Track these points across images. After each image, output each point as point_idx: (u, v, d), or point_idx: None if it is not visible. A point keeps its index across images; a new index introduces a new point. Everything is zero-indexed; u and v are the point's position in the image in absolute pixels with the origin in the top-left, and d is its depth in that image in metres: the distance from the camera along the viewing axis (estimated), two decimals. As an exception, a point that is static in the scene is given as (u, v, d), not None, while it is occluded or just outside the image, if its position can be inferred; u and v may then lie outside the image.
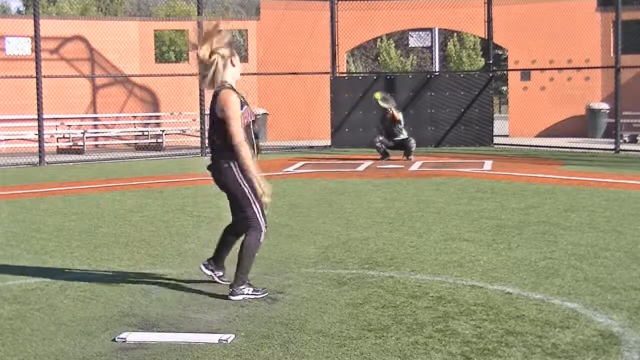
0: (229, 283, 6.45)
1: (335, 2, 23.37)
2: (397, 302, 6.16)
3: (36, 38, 19.26)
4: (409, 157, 18.16)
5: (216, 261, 6.75)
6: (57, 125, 23.19)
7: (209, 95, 22.03)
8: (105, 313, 5.99)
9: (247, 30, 26.98)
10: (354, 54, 44.24)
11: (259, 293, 6.35)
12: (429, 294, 6.37)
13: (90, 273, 7.41)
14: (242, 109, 6.35)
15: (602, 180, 13.80)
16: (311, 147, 22.43)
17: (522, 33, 24.71)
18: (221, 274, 6.76)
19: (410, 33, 29.85)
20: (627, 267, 7.21)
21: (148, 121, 25.25)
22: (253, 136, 6.54)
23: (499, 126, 23.58)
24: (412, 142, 18.32)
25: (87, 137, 23.19)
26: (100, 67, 24.73)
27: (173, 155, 21.13)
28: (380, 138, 18.32)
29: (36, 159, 19.15)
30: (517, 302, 6.10)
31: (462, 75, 24.62)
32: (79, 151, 22.47)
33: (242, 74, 6.71)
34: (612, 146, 19.94)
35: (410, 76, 25.23)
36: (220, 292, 6.56)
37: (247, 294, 6.31)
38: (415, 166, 16.99)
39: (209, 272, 6.72)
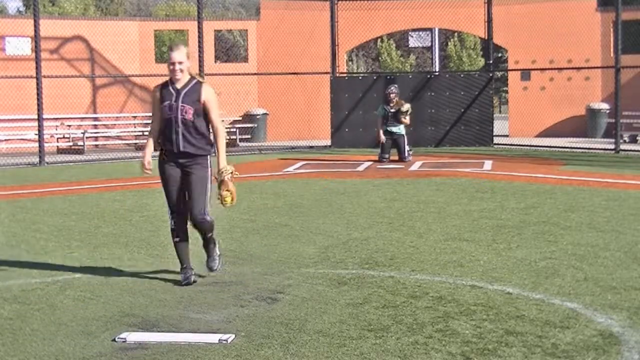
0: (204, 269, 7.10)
1: (335, 2, 23.36)
2: (397, 302, 6.16)
3: (36, 38, 19.25)
4: (404, 159, 17.86)
5: (188, 264, 7.09)
6: (57, 125, 23.18)
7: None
8: (105, 313, 5.99)
9: (247, 30, 26.98)
10: (356, 54, 44.24)
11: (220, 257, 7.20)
12: (429, 294, 6.37)
13: (90, 273, 7.41)
14: (164, 102, 6.83)
15: (602, 180, 13.80)
16: (311, 147, 22.41)
17: (522, 33, 24.70)
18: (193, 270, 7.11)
19: (410, 33, 29.84)
20: (627, 267, 7.21)
21: (148, 121, 25.20)
22: (174, 133, 6.85)
23: (499, 126, 23.57)
24: (408, 150, 18.01)
25: (87, 137, 23.18)
26: (100, 67, 24.73)
27: (173, 155, 21.12)
28: (386, 156, 18.04)
29: (36, 159, 19.14)
30: (517, 302, 6.10)
31: (462, 75, 24.62)
32: (79, 151, 22.46)
33: (242, 74, 7.22)
34: (612, 146, 19.93)
35: (410, 76, 25.22)
36: (220, 292, 6.56)
37: (217, 257, 7.15)
38: (415, 166, 16.99)
39: (194, 278, 7.00)
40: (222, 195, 6.85)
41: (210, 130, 6.92)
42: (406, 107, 18.05)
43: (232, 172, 6.89)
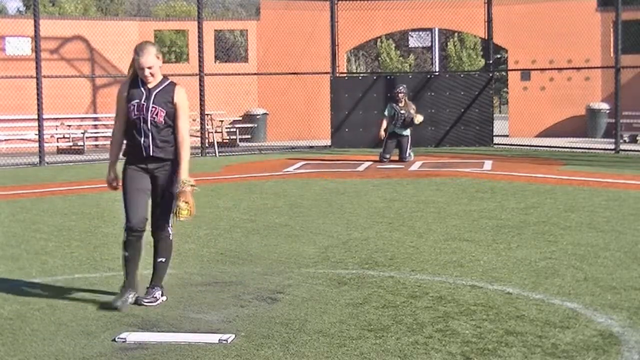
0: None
1: (335, 2, 23.36)
2: (397, 302, 6.16)
3: (36, 38, 19.25)
4: (404, 159, 17.85)
5: (131, 284, 6.29)
6: (57, 125, 23.18)
7: (209, 95, 22.09)
8: (105, 313, 5.99)
9: (247, 30, 26.98)
10: (356, 54, 44.24)
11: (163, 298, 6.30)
12: (429, 294, 6.37)
13: (90, 273, 7.41)
14: (132, 101, 6.22)
15: (602, 180, 13.80)
16: (311, 147, 22.41)
17: (522, 33, 24.70)
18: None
19: (410, 33, 29.84)
20: (627, 267, 7.21)
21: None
22: (142, 136, 6.20)
23: (499, 126, 23.57)
24: (409, 151, 18.01)
25: (87, 137, 23.18)
26: (100, 67, 24.73)
27: (173, 155, 21.10)
28: (387, 156, 18.02)
29: (36, 159, 19.14)
30: (517, 302, 6.10)
31: (462, 75, 24.62)
32: (79, 151, 22.46)
33: (242, 74, 6.87)
34: (612, 146, 19.93)
35: (410, 76, 25.21)
36: (220, 292, 6.56)
37: (156, 297, 6.23)
38: (415, 166, 16.99)
39: (127, 303, 6.13)
40: (180, 207, 6.11)
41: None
42: (419, 119, 18.02)
43: (192, 185, 6.19)
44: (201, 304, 6.23)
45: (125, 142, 6.33)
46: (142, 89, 6.24)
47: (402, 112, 17.89)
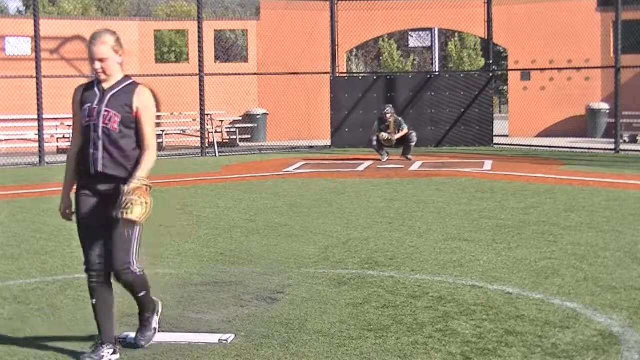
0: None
1: (335, 2, 23.37)
2: (397, 302, 6.16)
3: (36, 38, 19.26)
4: (408, 157, 17.99)
5: (107, 337, 5.07)
6: (57, 125, 23.17)
7: (209, 95, 22.06)
8: (105, 313, 5.98)
9: (247, 30, 26.98)
10: (355, 55, 44.23)
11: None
12: (429, 294, 6.37)
13: (90, 273, 7.40)
14: (84, 105, 5.00)
15: (602, 180, 13.80)
16: (311, 147, 22.42)
17: (522, 33, 24.70)
18: (113, 349, 5.06)
19: (410, 33, 29.84)
20: (627, 267, 7.21)
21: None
22: (91, 147, 4.96)
23: (499, 126, 23.58)
24: (414, 135, 18.09)
25: (87, 137, 23.14)
26: (100, 67, 24.69)
27: (173, 156, 21.12)
28: (376, 137, 18.07)
29: (36, 159, 19.14)
30: (517, 302, 6.10)
31: (462, 75, 24.62)
32: (79, 151, 22.44)
33: (242, 74, 6.51)
34: (612, 146, 19.93)
35: (410, 76, 25.22)
36: (220, 292, 6.56)
37: (153, 329, 5.26)
38: (415, 166, 16.99)
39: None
40: (131, 201, 4.78)
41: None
42: (403, 132, 18.07)
43: (148, 186, 4.89)
44: (201, 304, 6.23)
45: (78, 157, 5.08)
46: (97, 89, 5.02)
47: (385, 134, 17.90)
